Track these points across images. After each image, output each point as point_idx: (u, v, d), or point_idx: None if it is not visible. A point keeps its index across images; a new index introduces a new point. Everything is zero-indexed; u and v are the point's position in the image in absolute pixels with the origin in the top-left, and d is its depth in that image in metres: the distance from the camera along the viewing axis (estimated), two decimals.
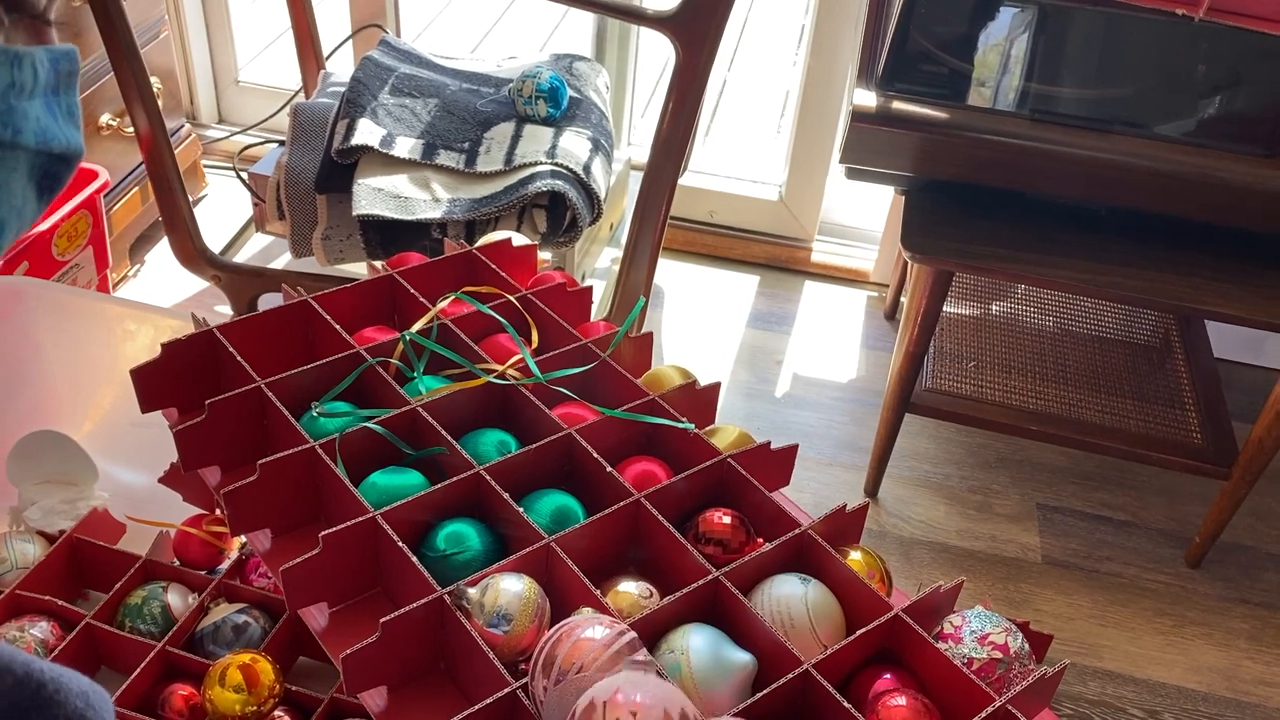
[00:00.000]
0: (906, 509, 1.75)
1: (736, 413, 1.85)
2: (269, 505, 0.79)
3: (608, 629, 0.61)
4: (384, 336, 0.92)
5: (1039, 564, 1.69)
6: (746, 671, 0.69)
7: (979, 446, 1.89)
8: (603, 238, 1.88)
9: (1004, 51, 1.42)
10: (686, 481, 0.82)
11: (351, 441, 0.81)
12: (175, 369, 0.87)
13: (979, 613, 0.77)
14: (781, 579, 0.76)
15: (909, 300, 1.59)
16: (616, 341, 0.95)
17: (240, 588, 1.06)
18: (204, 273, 1.72)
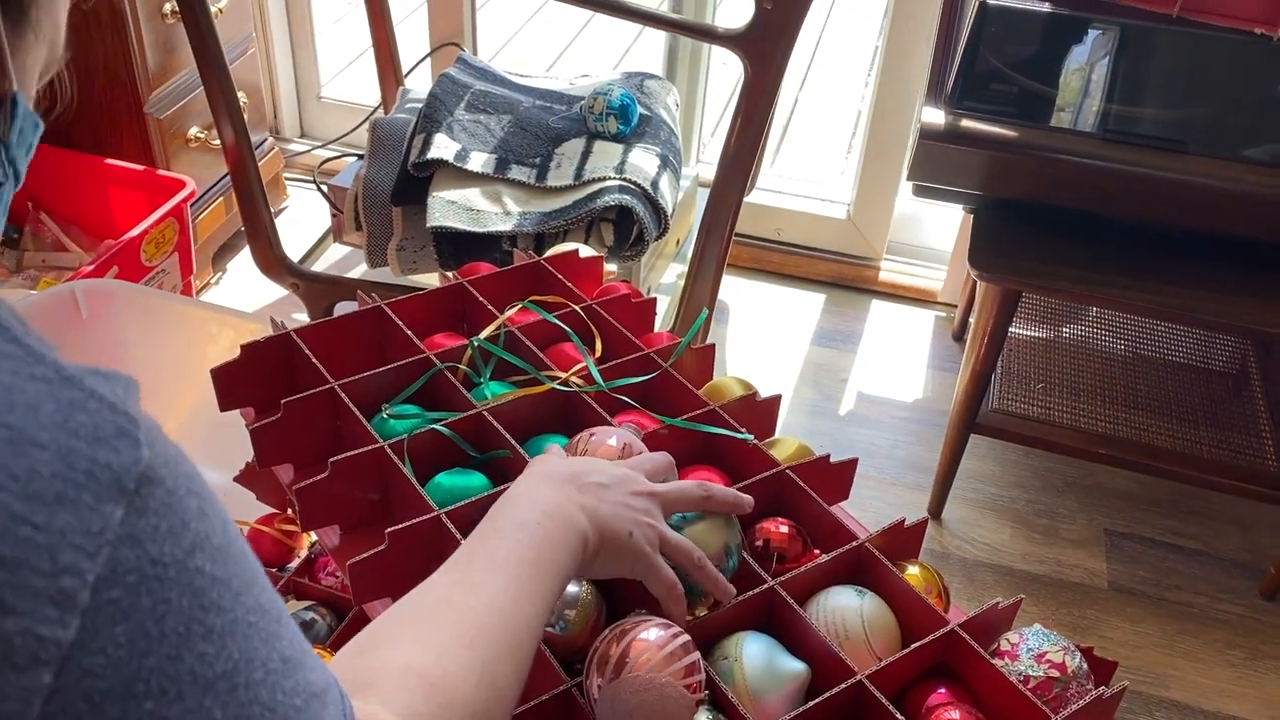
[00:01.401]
0: (970, 531, 1.73)
1: (800, 430, 1.85)
2: (338, 502, 0.81)
3: (662, 631, 0.63)
4: (453, 342, 0.94)
5: (1105, 590, 1.66)
6: (800, 680, 0.70)
7: (1045, 470, 1.86)
8: (669, 253, 1.90)
9: (1075, 70, 1.41)
10: (744, 491, 0.83)
11: (419, 443, 0.83)
12: (253, 370, 0.90)
13: (1037, 631, 0.77)
14: (837, 590, 0.76)
15: (976, 319, 1.58)
16: (679, 352, 0.96)
17: (309, 585, 1.09)
18: (283, 281, 1.78)
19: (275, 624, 0.38)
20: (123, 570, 0.30)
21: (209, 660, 0.33)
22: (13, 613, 0.27)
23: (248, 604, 0.36)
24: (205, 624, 0.33)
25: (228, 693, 0.34)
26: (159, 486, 0.32)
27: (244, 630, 0.35)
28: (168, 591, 0.31)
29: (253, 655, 0.35)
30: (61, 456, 0.29)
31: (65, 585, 0.28)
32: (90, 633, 0.29)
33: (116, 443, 0.31)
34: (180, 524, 0.33)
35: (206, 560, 0.34)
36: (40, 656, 0.28)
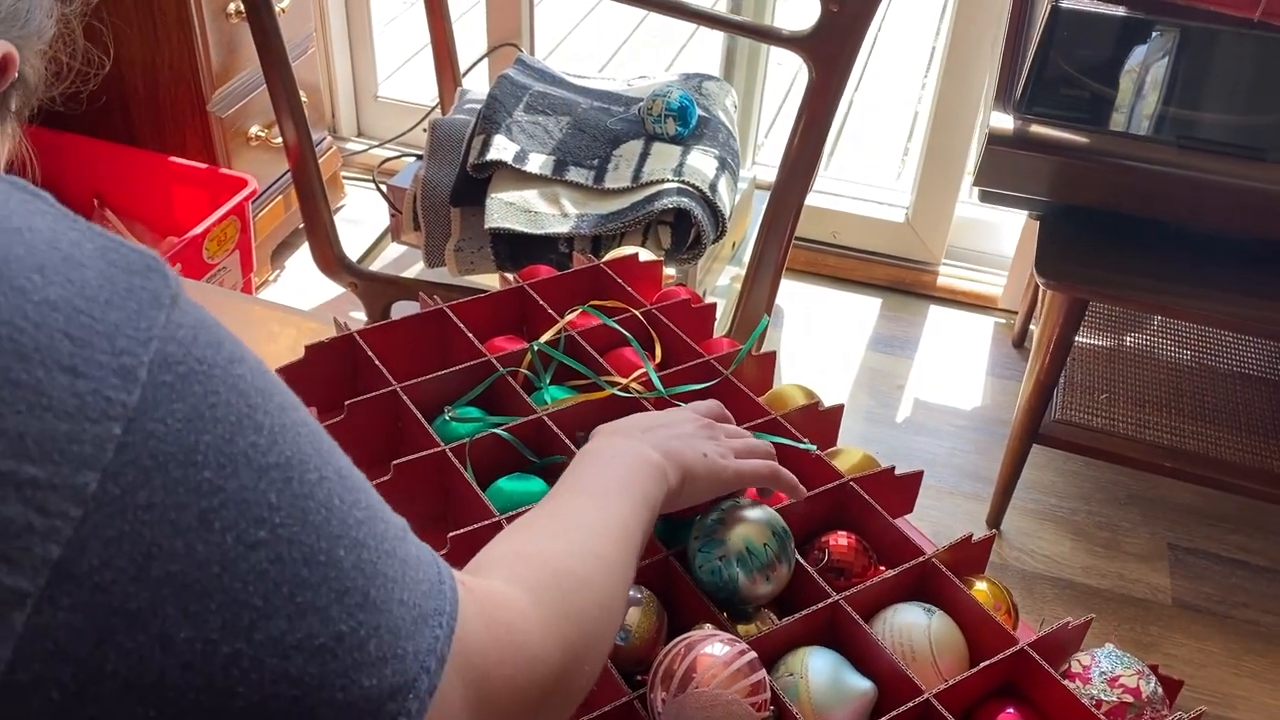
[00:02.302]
0: (1030, 543, 1.70)
1: (855, 437, 1.83)
2: (400, 504, 0.81)
3: (728, 647, 0.62)
4: (513, 346, 0.94)
5: (1169, 606, 1.62)
6: (866, 699, 0.68)
7: (1108, 482, 1.82)
8: (725, 256, 1.89)
9: (1149, 76, 1.38)
10: (807, 503, 0.82)
11: (480, 447, 0.83)
12: (316, 370, 0.90)
13: (1109, 653, 0.74)
14: (905, 608, 0.75)
15: (1040, 328, 1.55)
16: (739, 359, 0.95)
17: None
18: (341, 280, 1.79)
19: (327, 443, 0.40)
20: (172, 360, 0.34)
21: (261, 449, 0.36)
22: (84, 377, 0.31)
23: (294, 417, 0.38)
24: (254, 419, 0.36)
25: (282, 482, 0.36)
26: (190, 310, 0.36)
27: (293, 434, 0.37)
28: (215, 385, 0.35)
29: (305, 458, 0.37)
30: (105, 276, 0.34)
31: (125, 362, 0.32)
32: (151, 402, 0.33)
33: (149, 274, 0.35)
34: (215, 339, 0.36)
35: (247, 371, 0.37)
36: (109, 412, 0.32)
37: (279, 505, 0.36)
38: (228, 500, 0.34)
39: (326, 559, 0.37)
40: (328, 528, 0.37)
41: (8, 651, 0.30)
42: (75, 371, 0.31)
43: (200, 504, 0.33)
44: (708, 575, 0.72)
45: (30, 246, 0.33)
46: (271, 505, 0.35)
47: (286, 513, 0.36)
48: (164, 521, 0.32)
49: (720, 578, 0.71)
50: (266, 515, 0.35)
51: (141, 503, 0.32)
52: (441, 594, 0.44)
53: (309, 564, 0.36)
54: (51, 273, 0.33)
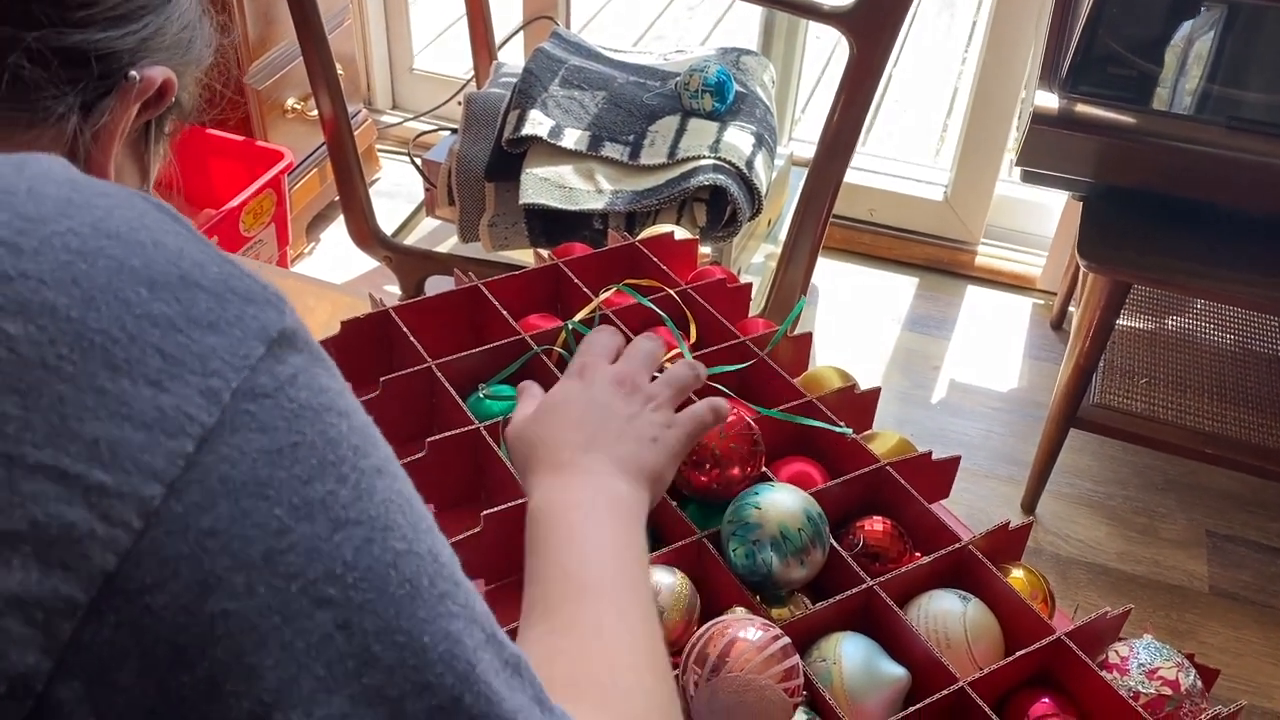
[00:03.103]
0: (1065, 527, 1.68)
1: (890, 418, 1.81)
2: (435, 481, 0.81)
3: (762, 632, 0.61)
4: (548, 324, 0.94)
5: (1205, 594, 1.60)
6: (900, 685, 0.68)
7: (1146, 467, 1.80)
8: (760, 233, 1.87)
9: (1199, 55, 1.35)
10: (843, 486, 0.81)
11: None
12: (352, 345, 0.90)
13: (1148, 644, 0.73)
14: (940, 594, 0.74)
15: (1081, 312, 1.52)
16: (775, 341, 0.94)
17: None
18: (376, 253, 1.80)
19: (424, 521, 0.37)
20: (260, 392, 0.33)
21: (341, 501, 0.34)
22: (169, 393, 0.32)
23: (388, 484, 0.36)
24: (339, 470, 0.34)
25: (361, 541, 0.34)
26: (298, 348, 0.35)
27: (383, 498, 0.35)
28: (302, 426, 0.34)
29: (391, 525, 0.35)
30: (218, 300, 0.34)
31: (212, 384, 0.32)
32: (230, 427, 0.32)
33: (264, 306, 0.35)
34: (319, 385, 0.35)
35: (345, 424, 0.35)
36: (186, 429, 0.31)
37: (354, 564, 0.33)
38: (296, 543, 0.32)
39: (406, 640, 0.34)
40: (410, 606, 0.34)
41: (50, 663, 0.29)
42: (160, 386, 0.32)
43: (267, 542, 0.32)
44: (741, 559, 0.72)
45: (149, 261, 0.34)
46: (346, 563, 0.33)
47: (362, 575, 0.33)
48: (225, 551, 0.31)
49: (754, 562, 0.71)
50: (339, 572, 0.33)
51: (205, 526, 0.31)
52: None
53: (383, 641, 0.33)
54: (162, 289, 0.33)
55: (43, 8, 0.45)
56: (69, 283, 0.32)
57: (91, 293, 0.32)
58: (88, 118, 0.48)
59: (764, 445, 0.79)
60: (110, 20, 0.47)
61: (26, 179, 0.35)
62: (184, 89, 0.54)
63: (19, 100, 0.46)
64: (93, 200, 0.35)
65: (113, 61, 0.48)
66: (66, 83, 0.47)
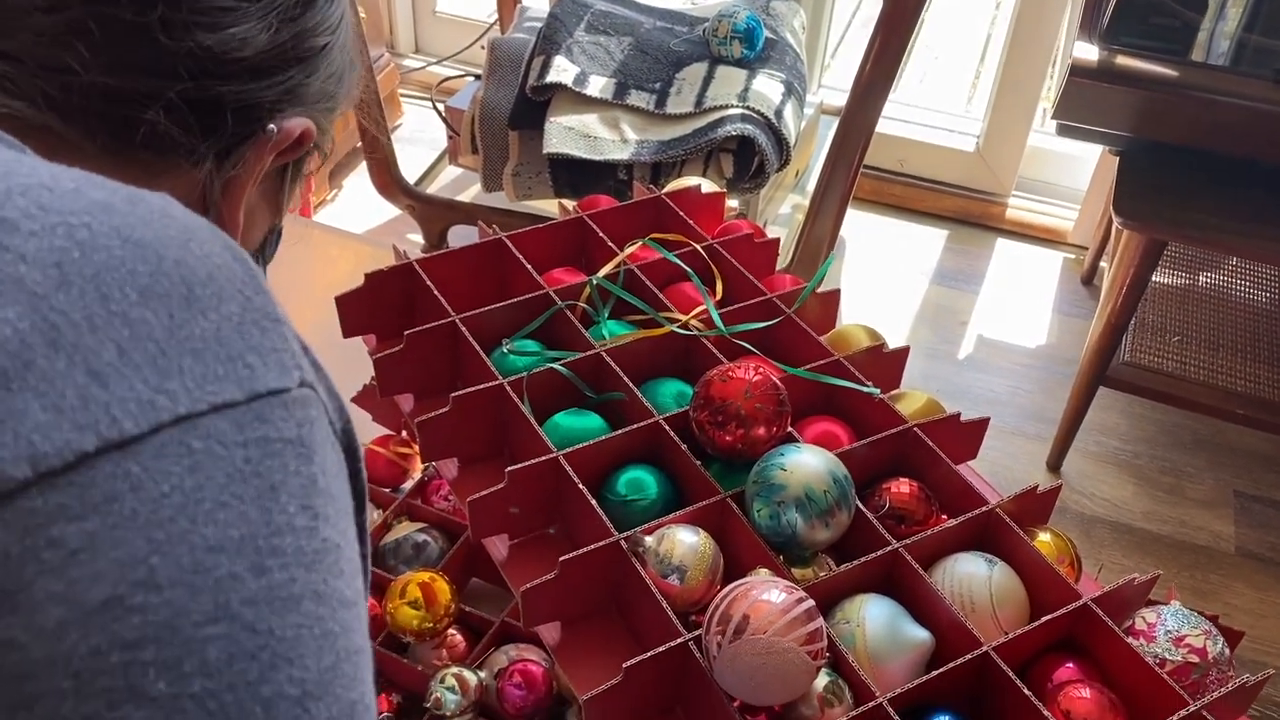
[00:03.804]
0: (1091, 486, 1.67)
1: (915, 374, 1.80)
2: (458, 436, 0.81)
3: (785, 594, 0.61)
4: (572, 279, 0.92)
5: (1231, 555, 1.59)
6: (923, 649, 0.67)
7: (1174, 426, 1.78)
8: (787, 184, 1.84)
9: (1243, 6, 1.30)
10: (869, 448, 0.80)
11: (537, 381, 0.82)
12: (376, 298, 0.90)
13: (1176, 611, 0.73)
14: (966, 558, 0.73)
15: (1114, 268, 1.50)
16: (802, 298, 0.93)
17: (421, 508, 1.10)
18: (399, 202, 1.79)
19: (352, 694, 0.31)
20: (212, 435, 0.29)
21: (245, 594, 0.28)
22: (104, 388, 0.28)
23: (321, 613, 0.30)
24: (262, 560, 0.29)
25: (239, 651, 0.28)
26: (287, 427, 0.31)
27: (300, 622, 0.29)
28: (244, 491, 0.29)
29: (292, 657, 0.29)
30: (219, 337, 0.31)
31: (157, 400, 0.29)
32: (154, 450, 0.28)
33: (271, 364, 0.32)
34: (288, 466, 0.31)
35: (302, 518, 0.31)
36: (100, 427, 0.28)
37: (212, 671, 0.27)
38: (153, 608, 0.26)
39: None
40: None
41: None
42: (98, 379, 0.28)
43: (118, 588, 0.26)
44: (766, 520, 0.71)
45: (159, 273, 0.31)
46: (203, 664, 0.27)
47: (214, 691, 0.27)
48: (60, 574, 0.26)
49: (778, 523, 0.70)
50: (187, 669, 0.27)
51: (53, 535, 0.26)
52: None
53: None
54: (156, 300, 0.30)
55: (186, 60, 0.42)
56: (51, 265, 0.28)
57: (71, 278, 0.28)
58: (220, 167, 0.47)
59: (790, 405, 0.78)
60: (254, 73, 0.45)
61: (87, 183, 0.32)
62: (325, 134, 0.53)
63: (151, 148, 0.44)
64: (139, 212, 0.32)
65: (252, 113, 0.46)
66: (202, 134, 0.45)
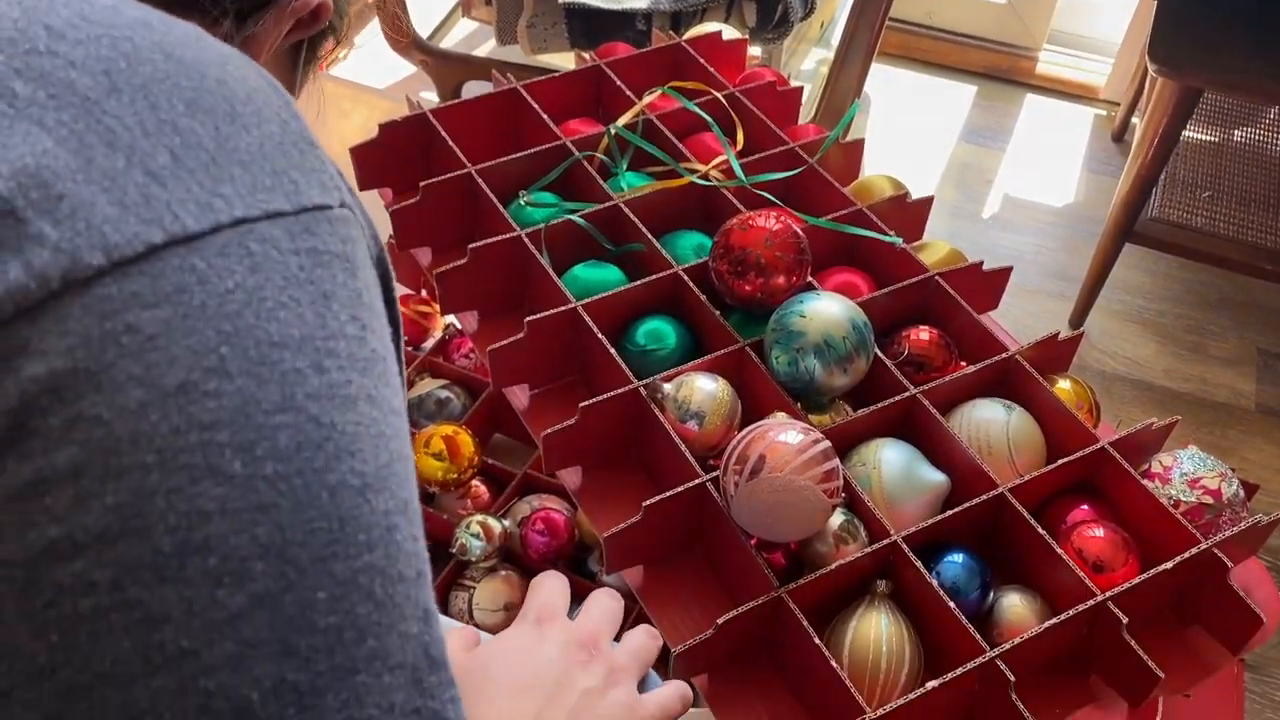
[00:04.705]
0: (1112, 343, 1.67)
1: (940, 232, 1.78)
2: (477, 288, 0.81)
3: (802, 435, 0.61)
4: (590, 129, 0.91)
5: (1252, 411, 1.59)
6: (938, 491, 0.68)
7: (1200, 284, 1.76)
8: (811, 36, 1.79)
9: None
10: (890, 297, 0.80)
11: (555, 233, 0.81)
12: (390, 150, 0.89)
13: (1192, 454, 0.73)
14: (983, 403, 0.73)
15: (1146, 120, 1.46)
16: (826, 146, 0.91)
17: (444, 365, 1.12)
18: (412, 57, 1.75)
19: (406, 497, 0.32)
20: (266, 239, 0.30)
21: (309, 389, 0.29)
22: (163, 186, 0.29)
23: (375, 416, 0.31)
24: (320, 359, 0.29)
25: (306, 441, 0.28)
26: (331, 239, 0.31)
27: (359, 420, 0.30)
28: (300, 294, 0.30)
29: (354, 450, 0.30)
30: (262, 152, 0.31)
31: (214, 203, 0.29)
32: (216, 248, 0.29)
33: (313, 182, 0.32)
34: (336, 278, 0.31)
35: (353, 327, 0.31)
36: (165, 222, 0.28)
37: (282, 456, 0.28)
38: (226, 394, 0.27)
39: (298, 587, 0.28)
40: (326, 559, 0.28)
41: None
42: (156, 178, 0.29)
43: (192, 373, 0.27)
44: (784, 367, 0.71)
45: (203, 89, 0.31)
46: (273, 449, 0.28)
47: (285, 474, 0.28)
48: (137, 357, 0.27)
49: (796, 369, 0.71)
50: (259, 453, 0.27)
51: (129, 321, 0.27)
52: None
53: (269, 568, 0.27)
54: (203, 114, 0.30)
55: None
56: (100, 72, 0.29)
57: (120, 86, 0.29)
58: (239, 27, 0.47)
59: (810, 254, 0.77)
60: None
61: (122, 2, 0.32)
62: (340, 14, 0.53)
63: (176, 2, 0.43)
64: (177, 33, 0.32)
65: None
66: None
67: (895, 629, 0.62)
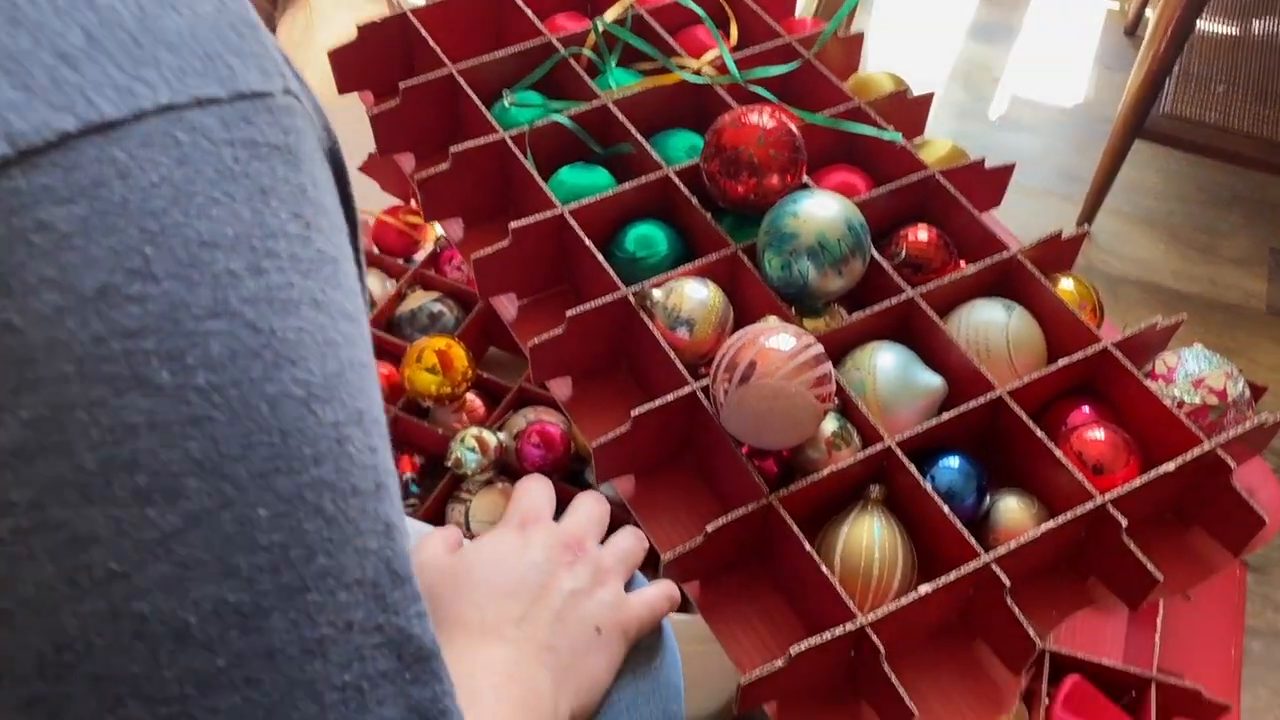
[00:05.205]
0: (1120, 245, 1.63)
1: (945, 133, 1.72)
2: (460, 194, 0.79)
3: (793, 339, 0.60)
4: (576, 25, 0.87)
5: (1262, 313, 1.57)
6: (935, 394, 0.67)
7: (1212, 183, 1.71)
8: None
9: None
10: (888, 196, 0.77)
11: (540, 135, 0.79)
12: (371, 52, 0.85)
13: (1197, 353, 0.71)
14: (983, 304, 0.71)
15: (1159, 10, 1.40)
16: (823, 40, 0.87)
17: (435, 278, 1.10)
18: None
19: (365, 408, 0.30)
20: (195, 128, 0.27)
21: (243, 292, 0.27)
22: (75, 70, 0.26)
23: (321, 322, 0.29)
24: (257, 260, 0.27)
25: (242, 349, 0.26)
26: (273, 132, 0.29)
27: (302, 325, 0.28)
28: (235, 189, 0.27)
29: (296, 359, 0.28)
30: (194, 32, 0.28)
31: (135, 88, 0.26)
32: (140, 138, 0.26)
33: (251, 66, 0.29)
34: (277, 172, 0.29)
35: (294, 226, 0.29)
36: (78, 109, 0.26)
37: (215, 365, 0.26)
38: (151, 299, 0.25)
39: (234, 505, 0.26)
40: (269, 473, 0.27)
41: None
42: (68, 61, 0.26)
43: (113, 276, 0.25)
44: (777, 271, 0.69)
45: None
46: (205, 358, 0.26)
47: (218, 385, 0.26)
48: (50, 258, 0.24)
49: (790, 273, 0.68)
50: (190, 361, 0.25)
51: (41, 218, 0.24)
52: None
53: (203, 484, 0.26)
54: None
55: None
56: None
57: None
58: None
59: (806, 153, 0.74)
60: None
61: None
62: None
63: None
64: None
65: None
66: None
67: (888, 534, 0.61)
